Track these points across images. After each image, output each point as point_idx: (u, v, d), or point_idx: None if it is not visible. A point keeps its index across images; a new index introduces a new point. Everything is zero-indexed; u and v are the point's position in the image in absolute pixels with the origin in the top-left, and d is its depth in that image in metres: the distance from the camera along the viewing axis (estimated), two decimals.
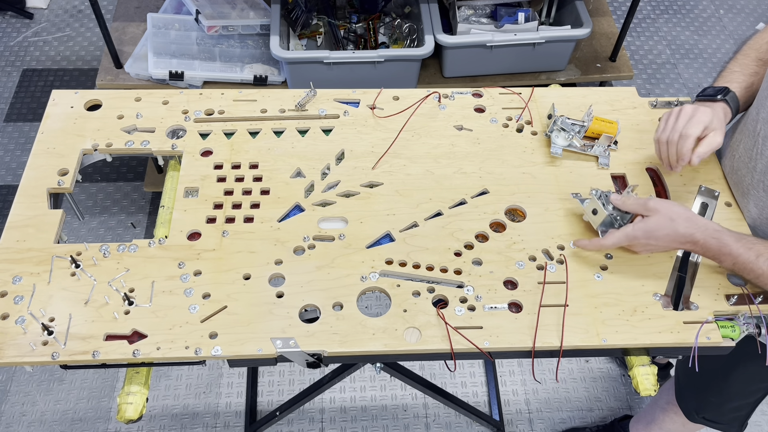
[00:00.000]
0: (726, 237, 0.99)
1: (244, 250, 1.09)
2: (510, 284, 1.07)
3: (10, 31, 2.86)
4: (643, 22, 2.99)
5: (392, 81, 1.95)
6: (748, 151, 1.10)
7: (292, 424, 1.90)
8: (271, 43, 1.84)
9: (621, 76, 2.10)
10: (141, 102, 1.29)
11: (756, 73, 1.16)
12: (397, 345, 0.99)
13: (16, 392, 1.92)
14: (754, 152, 1.08)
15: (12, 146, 2.49)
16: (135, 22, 2.11)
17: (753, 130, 1.08)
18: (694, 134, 1.06)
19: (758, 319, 1.02)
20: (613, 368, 2.03)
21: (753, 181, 1.09)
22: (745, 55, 1.18)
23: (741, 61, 1.18)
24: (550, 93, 1.34)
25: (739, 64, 1.18)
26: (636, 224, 1.03)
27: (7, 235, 1.09)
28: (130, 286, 1.04)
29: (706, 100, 1.13)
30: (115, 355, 0.97)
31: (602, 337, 1.01)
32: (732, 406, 1.36)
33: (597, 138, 1.22)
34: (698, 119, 1.07)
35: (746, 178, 1.11)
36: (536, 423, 1.92)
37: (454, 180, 1.20)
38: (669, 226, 1.01)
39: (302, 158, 1.22)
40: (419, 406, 1.94)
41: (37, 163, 1.18)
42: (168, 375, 1.97)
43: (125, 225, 2.28)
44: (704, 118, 1.07)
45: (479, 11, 2.07)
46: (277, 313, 1.02)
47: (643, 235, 1.02)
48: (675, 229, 1.00)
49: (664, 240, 1.02)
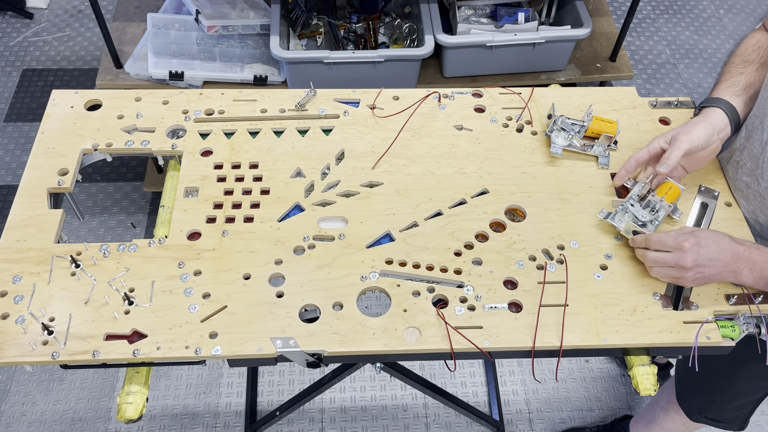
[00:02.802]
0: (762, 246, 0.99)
1: (244, 250, 1.09)
2: (510, 284, 1.07)
3: (10, 31, 2.86)
4: (643, 22, 2.99)
5: (392, 81, 1.95)
6: (754, 159, 1.09)
7: (292, 424, 1.90)
8: (271, 43, 1.84)
9: (621, 76, 2.10)
10: (141, 102, 1.29)
11: (741, 72, 1.16)
12: (397, 345, 0.99)
13: (16, 392, 1.92)
14: (760, 160, 1.08)
15: (12, 146, 2.49)
16: (135, 22, 2.11)
17: (759, 138, 1.08)
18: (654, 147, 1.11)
19: (758, 318, 1.02)
20: (613, 368, 2.03)
21: (759, 188, 1.09)
22: (731, 63, 1.19)
23: (726, 69, 1.19)
24: (550, 93, 1.34)
25: (724, 73, 1.18)
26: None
27: (7, 235, 1.09)
28: (130, 285, 1.04)
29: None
30: (115, 355, 0.97)
31: (602, 337, 1.01)
32: (735, 404, 1.36)
33: (597, 138, 1.22)
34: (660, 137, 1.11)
35: (752, 186, 1.11)
36: (536, 423, 1.92)
37: (454, 180, 1.20)
38: (715, 237, 0.99)
39: (302, 158, 1.22)
40: (419, 406, 1.94)
41: (37, 163, 1.18)
42: (168, 375, 1.97)
43: (125, 225, 2.28)
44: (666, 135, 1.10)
45: (479, 11, 2.07)
46: (277, 313, 1.02)
47: (692, 244, 0.98)
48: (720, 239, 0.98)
49: (713, 249, 0.98)
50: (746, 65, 1.16)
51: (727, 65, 1.19)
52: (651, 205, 1.09)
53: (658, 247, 1.01)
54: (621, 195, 1.18)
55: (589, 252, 1.10)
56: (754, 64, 1.16)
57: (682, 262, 0.98)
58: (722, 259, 0.98)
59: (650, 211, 1.09)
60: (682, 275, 0.99)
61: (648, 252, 1.03)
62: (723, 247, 0.98)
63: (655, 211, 1.09)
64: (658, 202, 1.08)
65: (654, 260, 1.02)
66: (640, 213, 1.09)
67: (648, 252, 1.03)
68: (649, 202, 1.09)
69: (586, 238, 1.12)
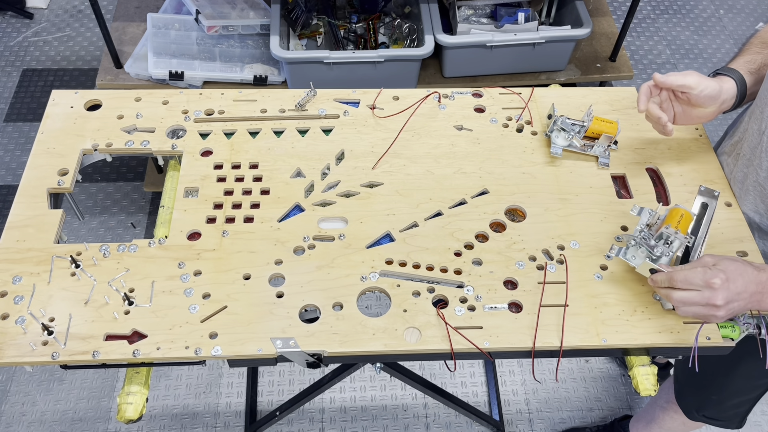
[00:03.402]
0: None
1: (244, 250, 1.09)
2: (510, 284, 1.07)
3: (10, 31, 2.86)
4: (643, 22, 2.99)
5: (392, 81, 1.95)
6: (753, 149, 1.10)
7: (292, 424, 1.90)
8: (271, 43, 1.84)
9: (621, 76, 2.10)
10: (141, 102, 1.29)
11: (758, 52, 1.14)
12: (397, 345, 0.99)
13: (16, 392, 1.92)
14: (758, 150, 1.08)
15: (12, 146, 2.49)
16: (135, 22, 2.11)
17: (757, 128, 1.08)
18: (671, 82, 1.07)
19: (758, 319, 1.02)
20: (613, 368, 2.03)
21: (759, 178, 1.09)
22: (750, 43, 1.18)
23: (745, 48, 1.18)
24: (550, 93, 1.34)
25: (742, 51, 1.17)
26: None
27: (7, 235, 1.09)
28: (130, 286, 1.04)
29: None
30: (115, 355, 0.97)
31: (602, 337, 1.01)
32: (733, 402, 1.36)
33: (597, 138, 1.22)
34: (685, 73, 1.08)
35: (751, 176, 1.11)
36: (536, 423, 1.92)
37: (454, 180, 1.20)
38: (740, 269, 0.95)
39: (302, 158, 1.22)
40: (419, 406, 1.94)
41: (37, 163, 1.18)
42: (168, 375, 1.97)
43: (125, 225, 2.28)
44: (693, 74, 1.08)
45: (479, 11, 2.07)
46: (277, 313, 1.02)
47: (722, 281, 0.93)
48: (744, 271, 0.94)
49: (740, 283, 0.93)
50: (764, 46, 1.15)
51: (746, 45, 1.19)
52: (664, 238, 1.00)
53: (685, 287, 0.94)
54: (621, 194, 1.18)
55: (589, 252, 1.10)
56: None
57: (713, 301, 0.92)
58: (749, 291, 0.94)
59: (664, 243, 1.00)
60: (713, 314, 0.94)
61: (673, 292, 0.96)
62: (749, 279, 0.94)
63: (669, 244, 1.00)
64: (672, 234, 0.99)
65: (682, 301, 0.95)
66: (654, 247, 0.99)
67: (673, 292, 0.96)
68: (662, 235, 1.00)
69: (586, 239, 1.12)
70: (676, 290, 0.96)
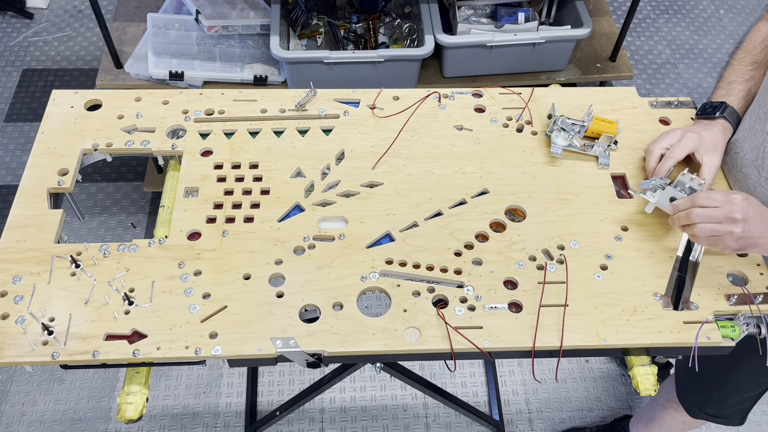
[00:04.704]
0: None
1: (244, 250, 1.09)
2: (510, 284, 1.07)
3: (10, 31, 2.86)
4: (643, 22, 2.99)
5: (392, 81, 1.95)
6: (755, 149, 1.10)
7: (292, 424, 1.90)
8: (271, 43, 1.84)
9: (621, 76, 2.10)
10: (141, 102, 1.29)
11: (752, 77, 1.19)
12: (397, 345, 0.99)
13: (16, 392, 1.92)
14: (761, 150, 1.08)
15: (12, 146, 2.49)
16: (135, 22, 2.11)
17: (761, 128, 1.08)
18: (676, 158, 1.13)
19: (758, 318, 1.02)
20: (613, 368, 2.03)
21: (760, 179, 1.09)
22: (740, 60, 1.21)
23: (736, 67, 1.21)
24: (550, 93, 1.34)
25: (735, 72, 1.21)
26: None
27: (7, 235, 1.09)
28: (130, 286, 1.04)
29: (705, 118, 1.18)
30: (115, 355, 0.97)
31: (602, 337, 1.01)
32: (735, 400, 1.36)
33: (597, 138, 1.22)
34: (684, 144, 1.13)
35: (752, 176, 1.11)
36: (536, 423, 1.92)
37: (454, 180, 1.20)
38: (757, 201, 0.99)
39: (302, 158, 1.22)
40: (419, 406, 1.94)
41: (37, 163, 1.18)
42: (168, 375, 1.97)
43: (125, 225, 2.28)
44: (690, 143, 1.13)
45: (479, 11, 2.07)
46: (277, 313, 1.02)
47: (743, 197, 0.97)
48: (761, 204, 0.98)
49: (758, 209, 0.97)
50: (756, 67, 1.19)
51: (735, 60, 1.21)
52: (681, 185, 1.09)
53: (707, 203, 0.98)
54: (621, 194, 1.18)
55: (589, 252, 1.10)
56: (762, 66, 1.19)
57: (732, 214, 0.95)
58: (764, 220, 0.96)
59: (680, 190, 1.09)
60: (730, 230, 0.95)
61: (694, 209, 0.99)
62: (766, 212, 0.98)
63: (685, 188, 1.09)
64: (688, 180, 1.08)
65: (702, 216, 0.97)
66: (675, 192, 1.09)
67: (694, 209, 0.99)
68: (679, 182, 1.09)
69: (586, 238, 1.12)
70: (696, 208, 0.99)
